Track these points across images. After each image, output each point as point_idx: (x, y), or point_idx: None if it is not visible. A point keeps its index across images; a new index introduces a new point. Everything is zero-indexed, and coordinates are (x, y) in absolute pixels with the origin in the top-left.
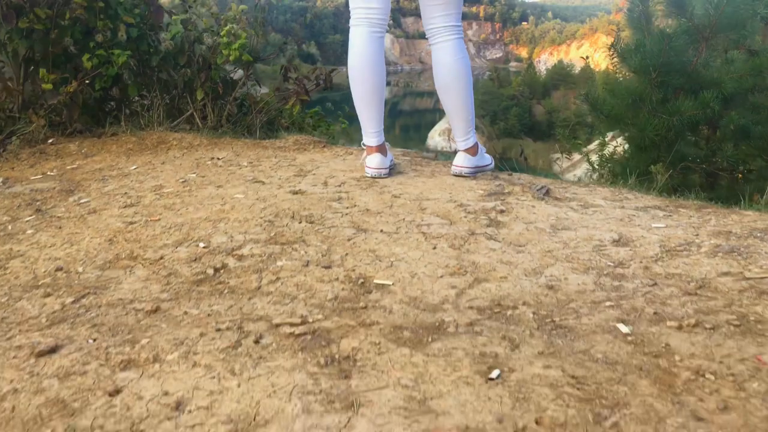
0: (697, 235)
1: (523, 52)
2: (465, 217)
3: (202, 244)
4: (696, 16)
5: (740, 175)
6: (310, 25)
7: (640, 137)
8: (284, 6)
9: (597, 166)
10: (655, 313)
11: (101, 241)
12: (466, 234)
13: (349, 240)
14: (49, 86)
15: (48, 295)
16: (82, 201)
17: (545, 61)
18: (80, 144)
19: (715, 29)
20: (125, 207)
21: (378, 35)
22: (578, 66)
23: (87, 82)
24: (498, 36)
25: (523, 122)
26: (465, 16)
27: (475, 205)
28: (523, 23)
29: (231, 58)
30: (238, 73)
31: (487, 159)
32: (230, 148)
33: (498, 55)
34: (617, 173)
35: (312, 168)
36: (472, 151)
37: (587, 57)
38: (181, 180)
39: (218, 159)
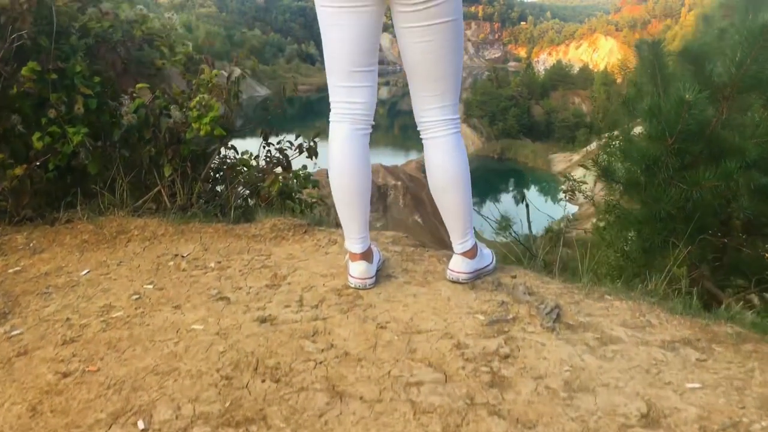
0: (744, 407)
1: (522, 52)
2: (463, 367)
3: (141, 424)
4: (715, 73)
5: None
6: (309, 25)
7: (656, 209)
8: (283, 6)
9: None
10: None
11: (23, 409)
12: (464, 404)
13: (320, 417)
14: None
15: None
16: (13, 333)
17: (544, 61)
18: (29, 235)
19: (737, 89)
20: (63, 344)
21: (362, 132)
22: (577, 66)
23: (38, 164)
24: (497, 36)
25: (522, 122)
26: (464, 16)
27: (475, 345)
28: (522, 23)
29: (201, 132)
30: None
31: (487, 258)
32: (198, 239)
33: (497, 55)
34: (631, 256)
35: (288, 271)
36: (471, 254)
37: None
38: (134, 296)
39: (183, 257)
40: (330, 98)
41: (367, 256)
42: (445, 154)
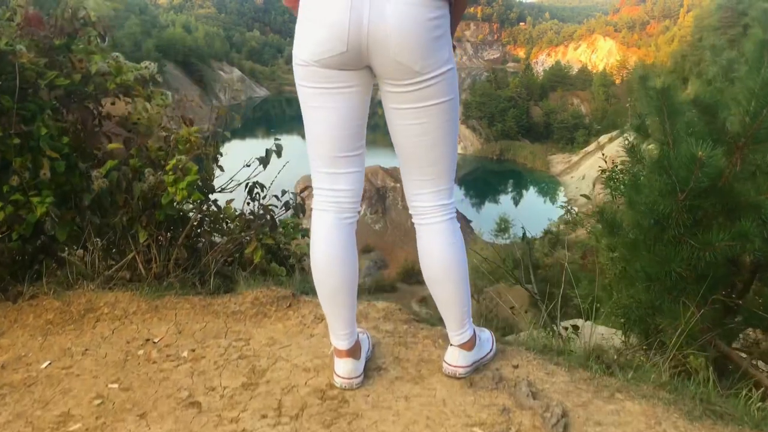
0: None
1: (521, 53)
2: None
3: None
4: (730, 122)
5: None
6: None
7: (665, 269)
8: (282, 7)
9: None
10: None
11: None
12: None
13: None
14: None
15: None
16: None
17: (543, 61)
18: None
19: (751, 139)
20: None
21: (348, 221)
22: (576, 67)
23: None
24: (496, 36)
25: (521, 124)
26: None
27: None
28: (521, 24)
29: (178, 197)
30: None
31: (486, 345)
32: (173, 318)
33: (495, 56)
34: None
35: (268, 364)
36: (469, 345)
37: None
38: (96, 400)
39: (154, 343)
40: (312, 183)
41: (354, 352)
42: (439, 243)
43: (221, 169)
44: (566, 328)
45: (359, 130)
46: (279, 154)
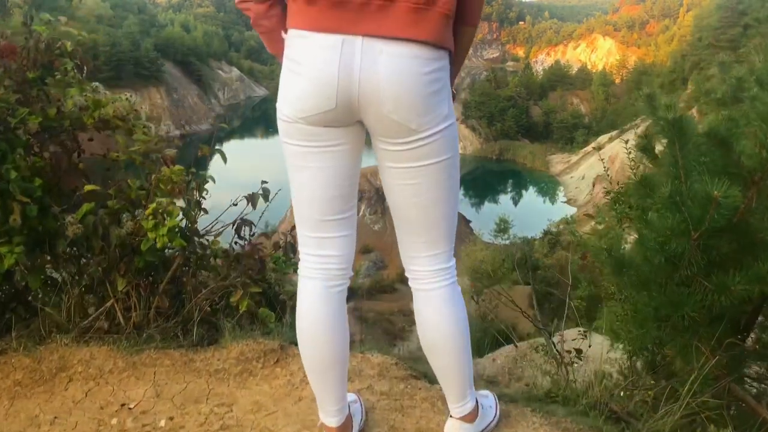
0: None
1: (520, 52)
2: None
3: None
4: (744, 154)
5: None
6: None
7: (678, 312)
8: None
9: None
10: None
11: None
12: None
13: None
14: None
15: None
16: None
17: (542, 61)
18: None
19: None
20: None
21: (338, 289)
22: (575, 67)
23: None
24: (495, 36)
25: (520, 123)
26: None
27: None
28: (520, 23)
29: (159, 244)
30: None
31: (489, 414)
32: (151, 377)
33: (495, 55)
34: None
35: None
36: (471, 417)
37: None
38: None
39: (130, 409)
40: (299, 247)
41: (345, 428)
42: (437, 311)
43: (205, 211)
44: (569, 352)
45: (350, 190)
46: (266, 198)
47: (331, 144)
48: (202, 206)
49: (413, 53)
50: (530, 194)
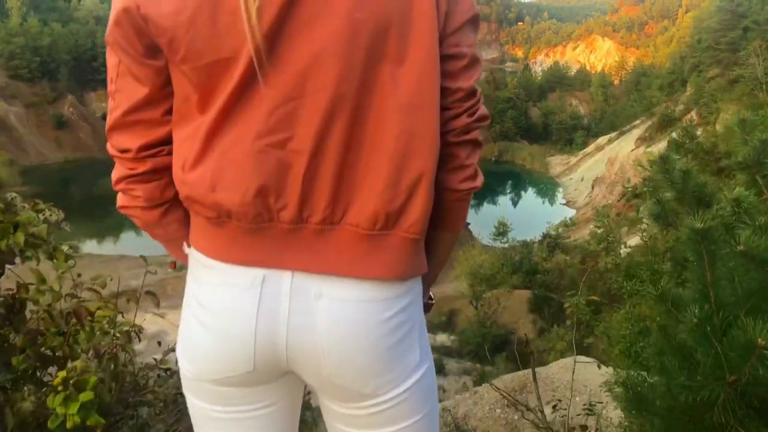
0: None
1: (519, 53)
2: None
3: None
4: None
5: None
6: None
7: None
8: None
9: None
10: None
11: None
12: None
13: None
14: None
15: None
16: None
17: (541, 62)
18: None
19: None
20: None
21: None
22: (574, 68)
23: None
24: (494, 36)
25: (519, 125)
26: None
27: None
28: (519, 23)
29: (68, 424)
30: None
31: None
32: None
33: (494, 55)
34: None
35: None
36: None
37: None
38: None
39: None
40: None
41: None
42: None
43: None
44: (573, 429)
45: None
46: None
47: (254, 407)
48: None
49: (367, 296)
50: (529, 196)
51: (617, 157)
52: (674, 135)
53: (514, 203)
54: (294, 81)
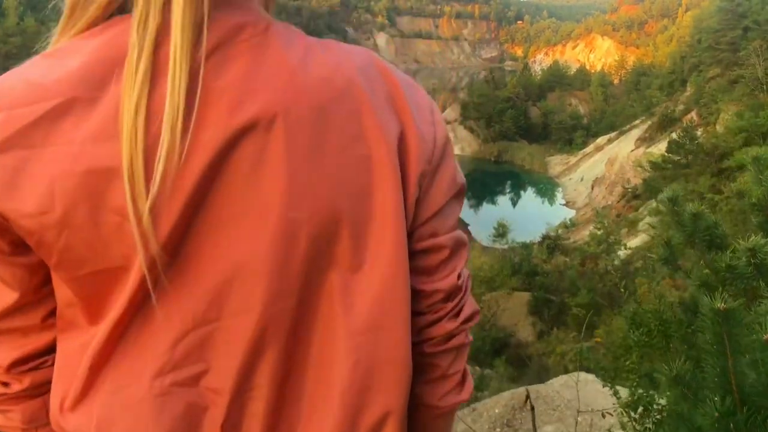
0: None
1: (519, 51)
2: None
3: None
4: None
5: None
6: (306, 25)
7: None
8: (279, 6)
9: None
10: None
11: None
12: None
13: None
14: None
15: None
16: None
17: (540, 61)
18: None
19: None
20: None
21: None
22: (574, 67)
23: None
24: (493, 35)
25: (519, 125)
26: (460, 15)
27: None
28: (518, 22)
29: None
30: None
31: None
32: None
33: (493, 54)
34: None
35: None
36: None
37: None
38: None
39: None
40: None
41: None
42: None
43: None
44: None
45: None
46: None
47: None
48: None
49: None
50: (529, 196)
51: (617, 158)
52: (674, 135)
53: (514, 203)
54: (207, 301)
